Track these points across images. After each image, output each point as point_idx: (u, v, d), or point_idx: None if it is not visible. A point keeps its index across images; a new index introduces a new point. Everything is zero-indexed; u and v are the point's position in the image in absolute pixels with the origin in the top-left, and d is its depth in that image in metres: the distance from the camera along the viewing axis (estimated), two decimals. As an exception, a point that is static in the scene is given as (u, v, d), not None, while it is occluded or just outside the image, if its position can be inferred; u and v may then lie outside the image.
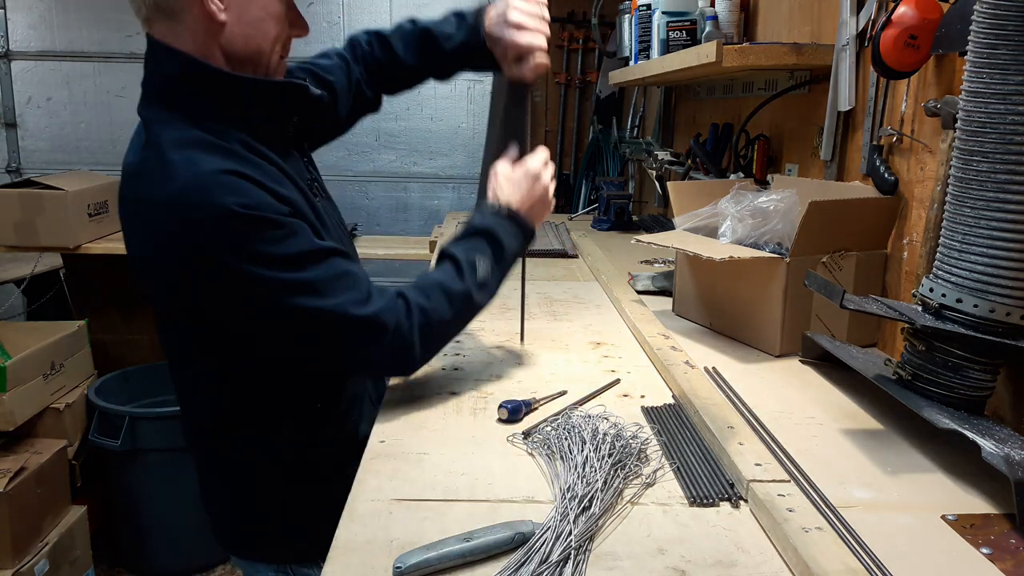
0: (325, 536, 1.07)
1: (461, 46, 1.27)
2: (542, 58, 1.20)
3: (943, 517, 0.85)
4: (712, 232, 1.48)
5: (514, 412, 1.08)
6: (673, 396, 1.18)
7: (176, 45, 1.00)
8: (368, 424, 1.14)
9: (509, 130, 1.25)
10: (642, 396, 1.18)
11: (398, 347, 1.04)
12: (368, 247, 3.07)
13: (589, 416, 1.05)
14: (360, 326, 1.01)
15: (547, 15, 1.23)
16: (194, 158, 0.95)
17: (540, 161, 1.20)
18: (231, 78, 1.02)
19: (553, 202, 1.23)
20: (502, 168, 1.20)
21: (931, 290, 1.00)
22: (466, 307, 1.11)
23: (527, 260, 2.08)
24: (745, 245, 1.40)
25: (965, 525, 0.83)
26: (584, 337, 1.46)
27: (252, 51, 1.03)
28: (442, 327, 1.09)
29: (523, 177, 1.19)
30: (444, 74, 1.35)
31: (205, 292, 0.98)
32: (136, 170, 1.01)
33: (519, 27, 1.19)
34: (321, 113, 1.20)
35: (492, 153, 1.32)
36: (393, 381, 1.22)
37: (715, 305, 1.50)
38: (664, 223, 2.48)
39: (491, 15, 1.23)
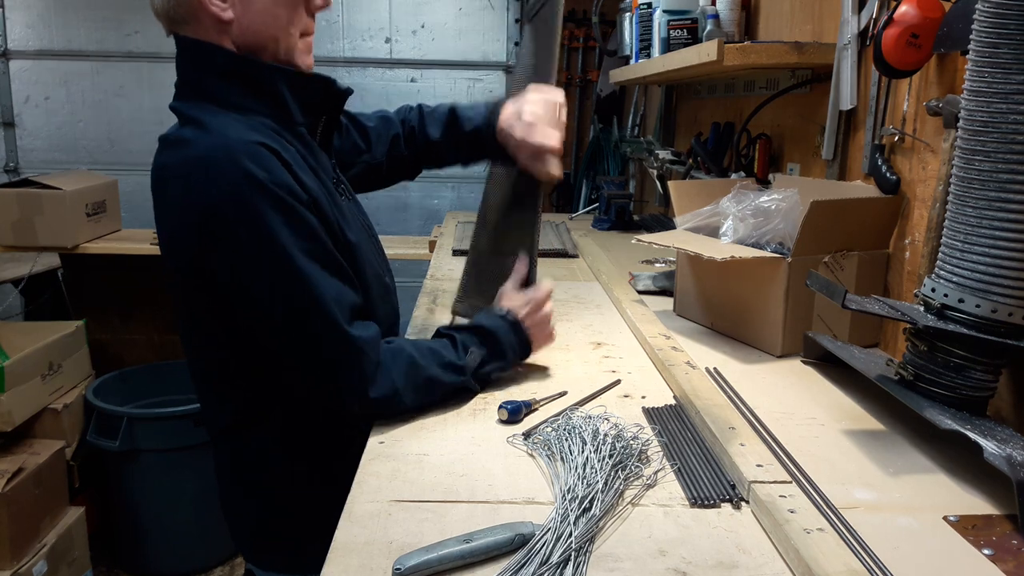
0: None
1: (476, 131, 1.29)
2: (555, 166, 1.21)
3: (945, 518, 0.84)
4: (713, 232, 1.48)
5: (514, 413, 1.07)
6: (674, 397, 1.18)
7: (203, 39, 1.04)
8: None
9: (515, 235, 1.28)
10: (643, 397, 1.18)
11: (377, 379, 1.02)
12: (367, 247, 3.06)
13: (590, 417, 1.05)
14: (341, 340, 1.00)
15: (563, 118, 1.24)
16: (228, 127, 0.98)
17: (544, 293, 1.24)
18: (262, 68, 1.05)
19: (554, 335, 1.28)
20: (510, 288, 1.25)
21: (933, 290, 1.00)
22: (451, 378, 1.10)
23: None
24: (746, 245, 1.39)
25: (967, 526, 0.83)
26: (585, 337, 1.46)
27: (265, 40, 1.05)
28: (429, 382, 1.07)
29: (528, 302, 1.22)
30: (463, 158, 1.37)
31: (212, 258, 0.98)
32: (172, 140, 1.02)
33: (532, 126, 1.20)
34: (343, 106, 1.21)
35: (489, 241, 1.36)
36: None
37: (716, 305, 1.50)
38: (665, 222, 2.48)
39: (507, 110, 1.24)
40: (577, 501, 0.82)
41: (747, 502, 0.87)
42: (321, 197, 1.05)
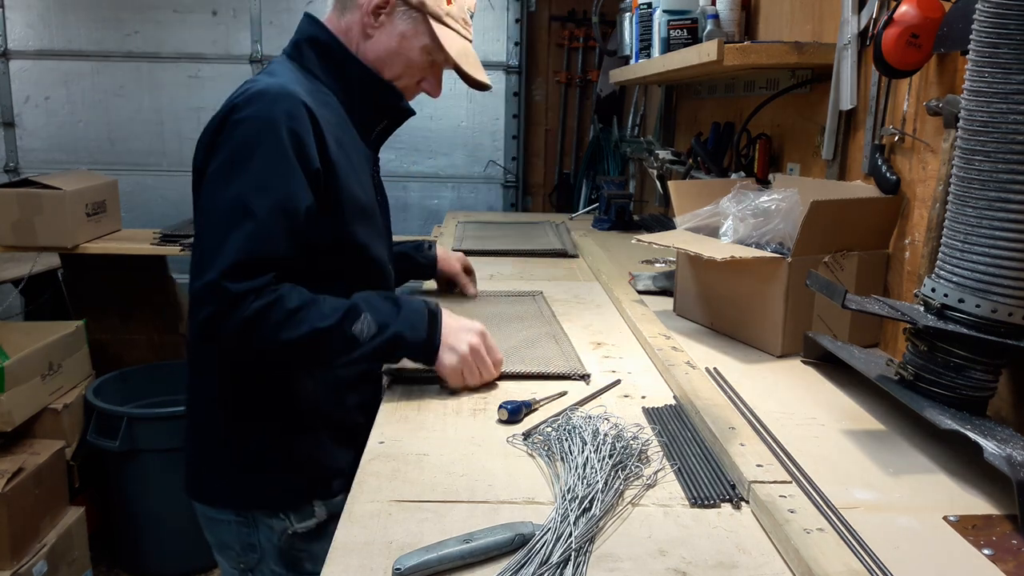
0: (288, 486, 1.20)
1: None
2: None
3: (945, 518, 0.84)
4: (713, 232, 1.48)
5: (514, 413, 1.07)
6: (674, 396, 1.18)
7: (331, 24, 1.26)
8: (356, 393, 1.23)
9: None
10: (643, 397, 1.18)
11: (230, 319, 1.06)
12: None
13: (589, 417, 1.05)
14: (213, 281, 1.04)
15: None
16: (290, 81, 1.15)
17: (490, 341, 1.20)
18: (346, 53, 1.24)
19: (466, 380, 1.18)
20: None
21: (933, 290, 1.00)
22: (316, 344, 1.10)
23: (526, 260, 2.11)
24: (746, 245, 1.39)
25: (967, 526, 0.83)
26: (585, 337, 1.46)
27: (374, 66, 1.25)
28: (275, 339, 1.08)
29: (470, 328, 1.19)
30: None
31: (211, 155, 1.11)
32: (247, 81, 1.18)
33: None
34: (403, 121, 1.37)
35: None
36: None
37: (716, 305, 1.50)
38: (665, 222, 2.47)
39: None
40: (577, 501, 0.82)
41: (747, 502, 0.87)
42: (340, 161, 1.17)
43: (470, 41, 1.31)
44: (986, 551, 0.78)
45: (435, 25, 1.24)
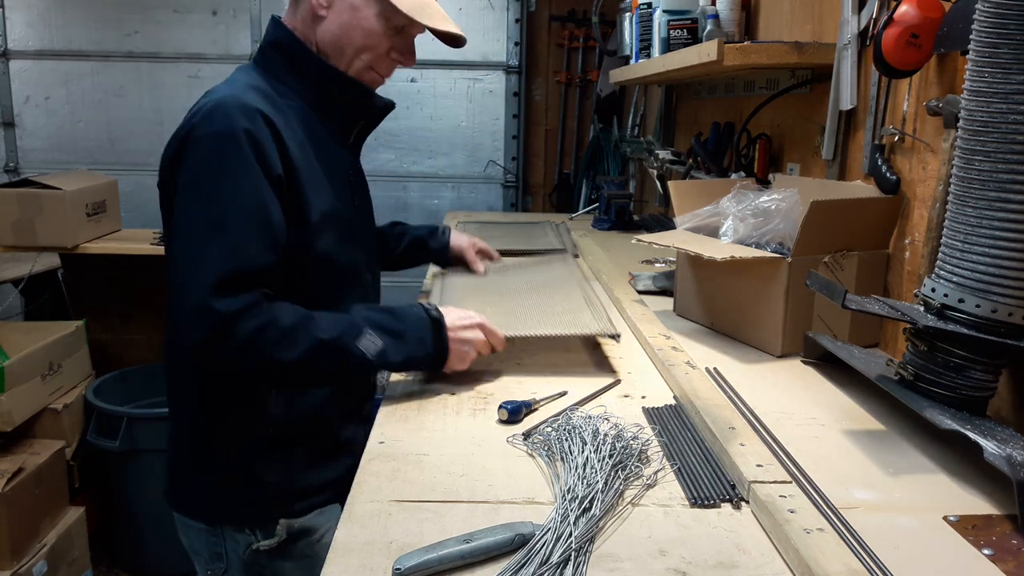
0: (255, 503, 1.19)
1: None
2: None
3: (945, 518, 0.84)
4: (713, 232, 1.48)
5: (514, 413, 1.07)
6: (674, 397, 1.18)
7: (288, 23, 1.24)
8: (338, 407, 1.22)
9: None
10: (643, 397, 1.18)
11: (222, 342, 1.03)
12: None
13: (589, 417, 1.05)
14: (198, 300, 1.02)
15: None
16: (244, 92, 1.13)
17: (487, 322, 1.22)
18: (304, 50, 1.22)
19: (468, 363, 1.21)
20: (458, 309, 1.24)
21: (933, 290, 1.00)
22: (317, 362, 1.08)
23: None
24: (746, 245, 1.39)
25: (967, 526, 0.83)
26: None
27: (335, 48, 1.22)
28: (270, 359, 1.06)
29: (467, 316, 1.21)
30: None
31: (179, 169, 1.10)
32: (208, 91, 1.18)
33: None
34: (381, 119, 1.34)
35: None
36: (395, 377, 1.22)
37: (716, 305, 1.50)
38: (665, 222, 2.47)
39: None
40: (577, 501, 0.82)
41: (747, 502, 0.87)
42: (303, 168, 1.15)
43: None
44: (986, 551, 0.78)
45: None
